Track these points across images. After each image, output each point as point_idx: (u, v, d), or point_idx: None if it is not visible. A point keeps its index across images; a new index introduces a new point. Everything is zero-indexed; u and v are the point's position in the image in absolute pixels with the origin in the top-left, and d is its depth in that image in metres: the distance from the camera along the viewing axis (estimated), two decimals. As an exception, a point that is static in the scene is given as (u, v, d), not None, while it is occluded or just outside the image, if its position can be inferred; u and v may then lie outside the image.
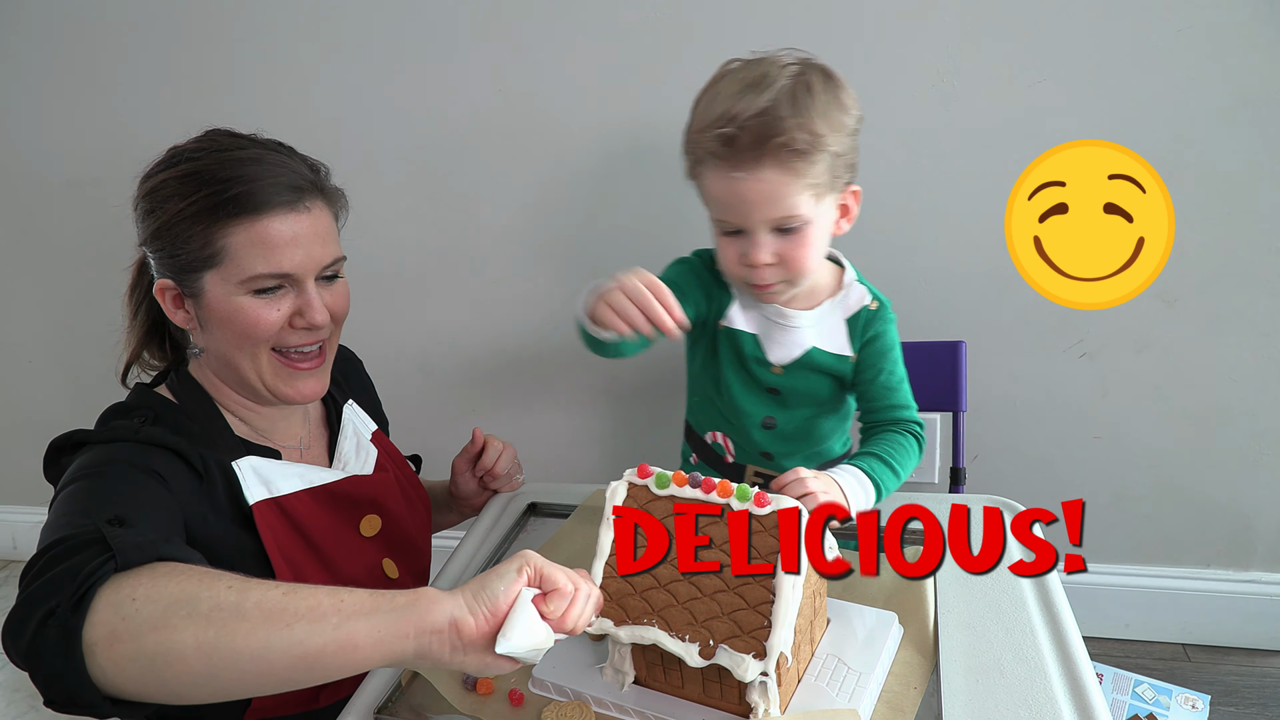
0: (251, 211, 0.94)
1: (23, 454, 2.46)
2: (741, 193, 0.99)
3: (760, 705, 0.78)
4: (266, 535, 0.98)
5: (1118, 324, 1.64)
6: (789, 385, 1.16)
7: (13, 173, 2.08)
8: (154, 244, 0.98)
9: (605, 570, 0.85)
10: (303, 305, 0.99)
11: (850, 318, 1.15)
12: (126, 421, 0.97)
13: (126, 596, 0.67)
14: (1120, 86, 1.49)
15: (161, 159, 1.00)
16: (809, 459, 1.24)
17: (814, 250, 1.06)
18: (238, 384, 1.04)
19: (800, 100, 0.98)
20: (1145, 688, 1.61)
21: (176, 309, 1.01)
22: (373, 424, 1.22)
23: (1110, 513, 1.80)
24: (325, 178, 1.04)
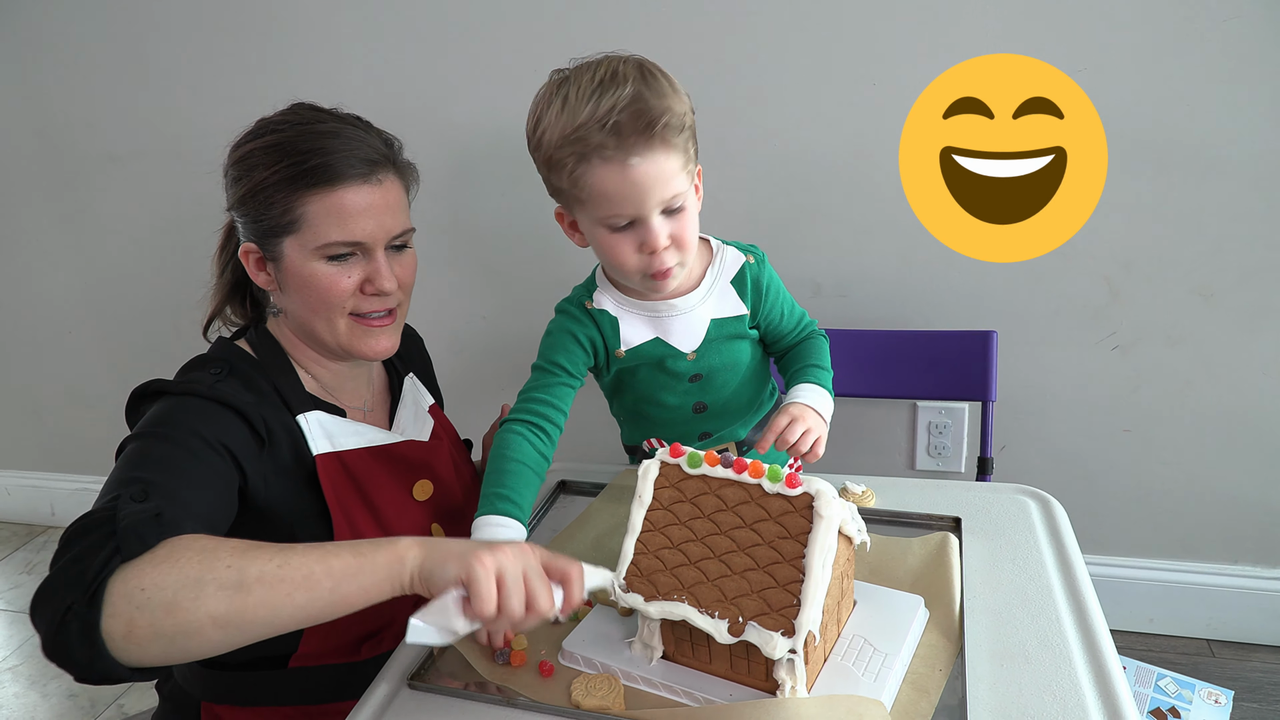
0: (328, 182, 0.99)
1: (61, 423, 2.52)
2: (636, 179, 1.00)
3: (787, 682, 0.80)
4: (327, 487, 1.04)
5: (1152, 317, 1.63)
6: (707, 365, 1.17)
7: (56, 145, 2.12)
8: (240, 209, 1.04)
9: (637, 547, 0.87)
10: (372, 273, 1.04)
11: (735, 279, 1.17)
12: (203, 374, 1.01)
13: (135, 587, 0.72)
14: (1160, 77, 1.48)
15: (250, 129, 1.05)
16: (746, 423, 1.26)
17: (695, 225, 1.09)
18: (313, 342, 1.09)
19: (655, 85, 1.01)
20: (1168, 681, 1.61)
21: (259, 271, 1.06)
22: (430, 397, 1.27)
23: (1138, 506, 1.79)
24: (398, 152, 1.09)
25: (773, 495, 0.83)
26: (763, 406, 1.28)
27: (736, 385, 1.20)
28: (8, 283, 2.35)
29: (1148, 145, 1.52)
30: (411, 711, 0.87)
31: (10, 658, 2.12)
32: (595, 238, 1.08)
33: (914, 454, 1.87)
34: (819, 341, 1.24)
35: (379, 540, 0.80)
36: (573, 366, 1.15)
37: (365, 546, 0.79)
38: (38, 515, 2.68)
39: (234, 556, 0.75)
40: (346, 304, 1.04)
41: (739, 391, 1.21)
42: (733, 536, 0.83)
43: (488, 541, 0.87)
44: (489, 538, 1.00)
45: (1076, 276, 1.63)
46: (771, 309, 1.19)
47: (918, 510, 1.12)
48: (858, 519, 0.86)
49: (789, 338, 1.23)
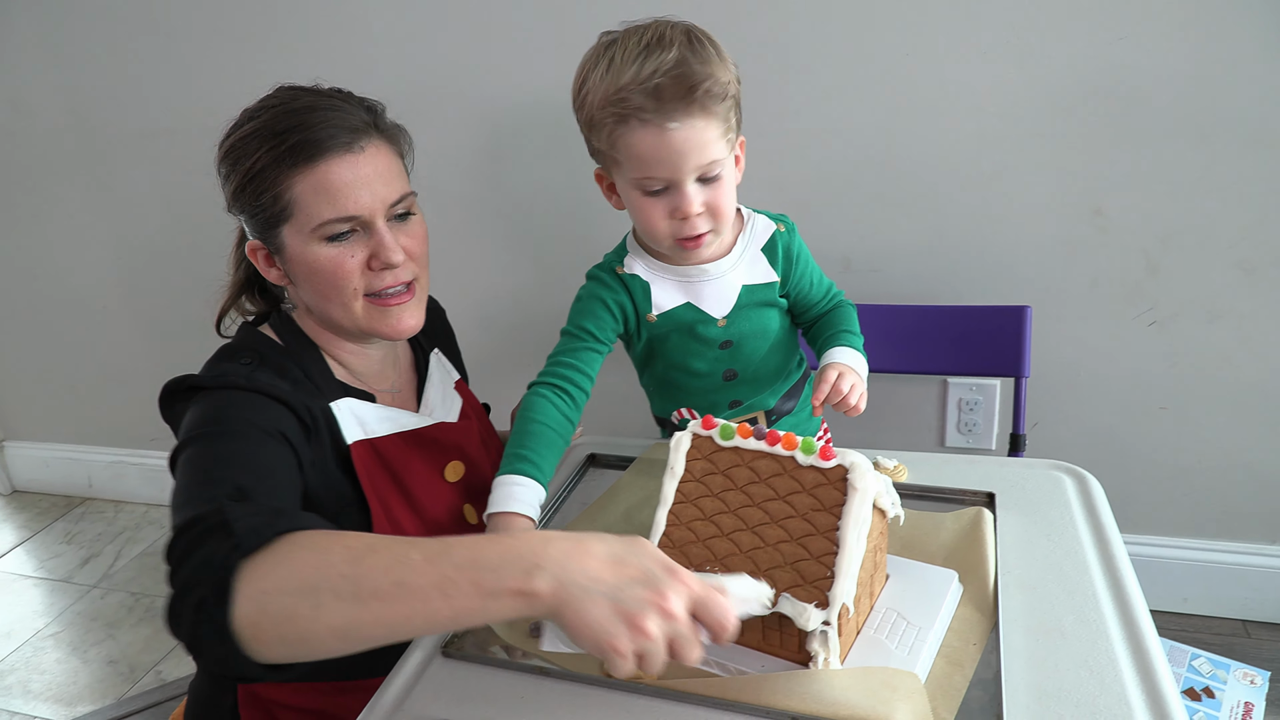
0: (309, 159, 0.96)
1: (97, 398, 2.56)
2: (674, 144, 1.01)
3: (820, 654, 0.79)
4: (363, 475, 1.03)
5: (1191, 292, 1.60)
6: (737, 331, 1.17)
7: (88, 122, 2.14)
8: (236, 206, 1.01)
9: (669, 518, 0.87)
10: (376, 246, 1.00)
11: (765, 246, 1.17)
12: (234, 365, 1.00)
13: (258, 590, 0.70)
14: (1202, 47, 1.44)
15: (235, 121, 1.02)
16: (775, 392, 1.25)
17: (732, 196, 1.09)
18: (336, 329, 1.07)
19: (700, 52, 1.01)
20: (1202, 661, 1.59)
21: (269, 267, 1.04)
22: (455, 373, 1.26)
23: (1173, 485, 1.77)
24: (382, 115, 1.05)
25: (806, 467, 0.83)
26: (790, 375, 1.27)
27: (766, 353, 1.20)
28: (43, 258, 2.38)
29: (1189, 115, 1.48)
30: (444, 680, 0.87)
31: (51, 625, 2.17)
32: (630, 200, 1.09)
33: (944, 431, 1.86)
34: (847, 309, 1.24)
35: (504, 562, 0.69)
36: (601, 333, 1.16)
37: (488, 576, 0.68)
38: (75, 487, 2.73)
39: (348, 563, 0.70)
40: (357, 285, 1.01)
41: (768, 359, 1.21)
42: (766, 508, 0.83)
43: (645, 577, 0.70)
44: (506, 496, 1.00)
45: (1114, 250, 1.60)
46: (801, 278, 1.19)
47: (951, 485, 1.10)
48: (892, 492, 0.85)
49: (817, 307, 1.23)
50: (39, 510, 2.70)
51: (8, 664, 2.05)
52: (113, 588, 2.30)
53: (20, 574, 2.40)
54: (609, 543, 0.71)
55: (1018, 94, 1.53)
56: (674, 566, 0.71)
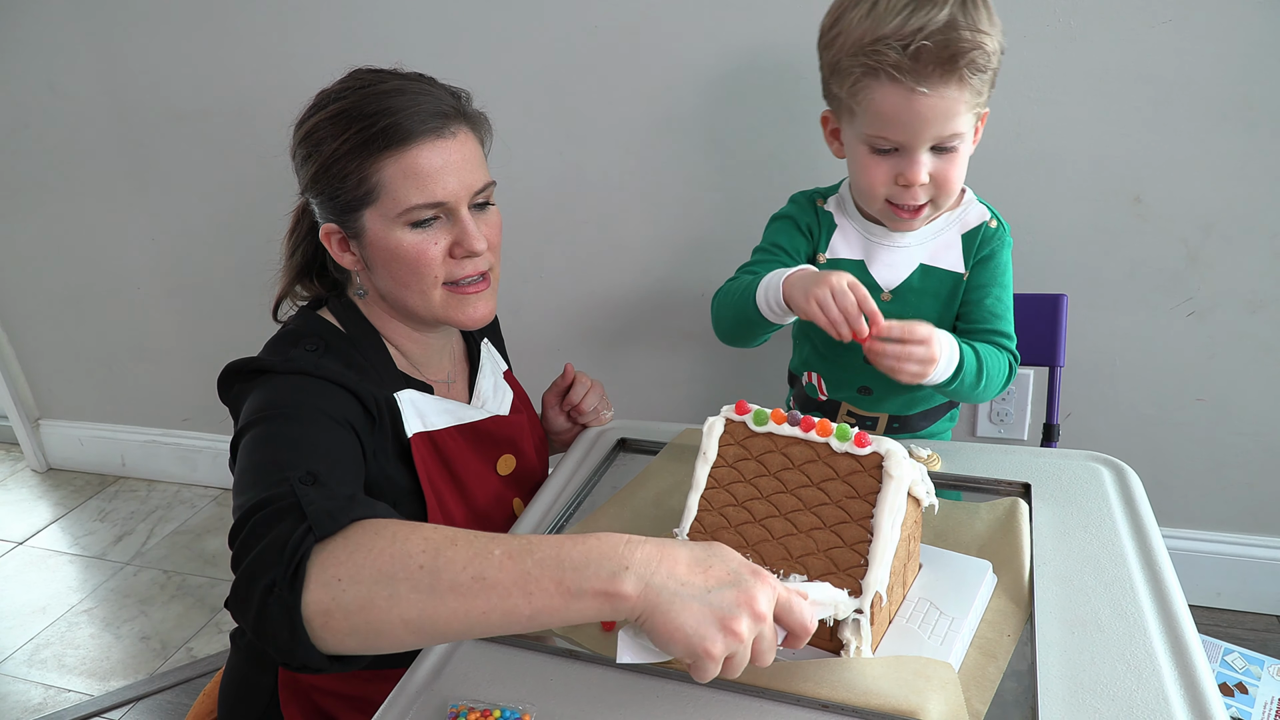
0: (399, 143, 0.94)
1: (131, 376, 2.59)
2: (919, 109, 0.97)
3: (852, 643, 0.79)
4: (420, 468, 1.02)
5: (1232, 282, 1.57)
6: (898, 313, 1.13)
7: (125, 103, 2.15)
8: (314, 188, 1.00)
9: (701, 503, 0.86)
10: (459, 234, 1.00)
11: (967, 233, 1.13)
12: (299, 350, 0.99)
13: (332, 576, 0.68)
14: (1247, 32, 1.40)
15: (311, 104, 1.01)
16: (912, 402, 1.23)
17: (962, 170, 1.05)
18: (406, 316, 1.06)
19: (973, 15, 0.95)
20: (1235, 656, 1.57)
21: (344, 252, 1.03)
22: (504, 363, 1.25)
23: (1209, 478, 1.74)
24: (467, 103, 1.04)
25: (841, 454, 0.82)
26: (933, 398, 1.23)
27: None
28: (79, 239, 2.41)
29: (1233, 101, 1.44)
30: (474, 661, 0.88)
31: (85, 600, 2.21)
32: (854, 153, 1.06)
33: (975, 420, 1.84)
34: (1002, 357, 1.14)
35: (589, 562, 0.68)
36: (793, 249, 1.16)
37: (571, 575, 0.67)
38: (109, 466, 2.78)
39: (426, 554, 0.69)
40: (439, 272, 1.00)
41: None
42: (799, 495, 0.82)
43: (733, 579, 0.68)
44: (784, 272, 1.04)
45: (1153, 239, 1.57)
46: (977, 285, 1.13)
47: (986, 475, 1.09)
48: (927, 481, 0.84)
49: (976, 326, 1.15)
50: (73, 488, 2.74)
51: (43, 638, 2.09)
52: (145, 565, 2.34)
53: (55, 550, 2.44)
54: (691, 548, 0.70)
55: (1057, 78, 1.50)
56: (758, 569, 0.70)
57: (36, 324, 2.64)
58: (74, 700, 1.89)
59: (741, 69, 1.64)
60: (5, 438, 2.99)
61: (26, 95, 2.24)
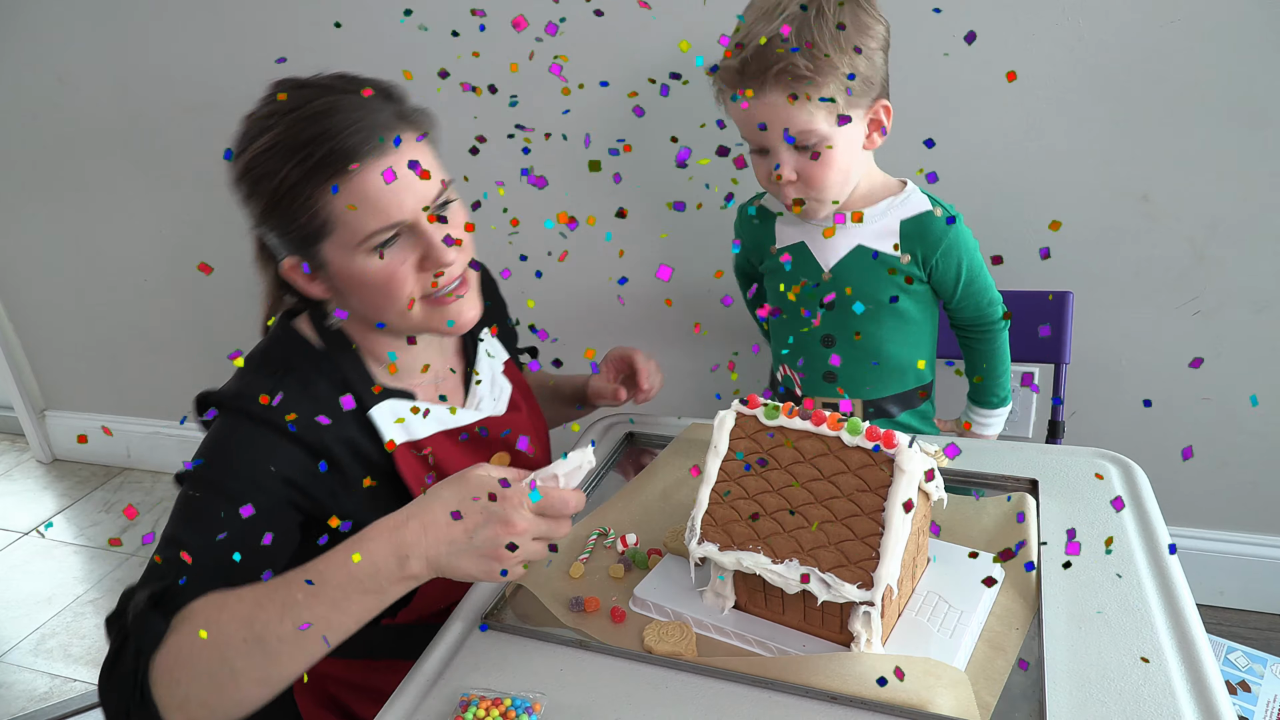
0: (344, 169, 0.88)
1: (137, 369, 2.60)
2: (752, 114, 1.07)
3: (862, 635, 0.79)
4: (408, 476, 1.00)
5: (1238, 282, 1.57)
6: (840, 288, 1.19)
7: (132, 97, 2.16)
8: (266, 224, 0.95)
9: (711, 497, 0.87)
10: (426, 248, 0.94)
11: (907, 220, 1.18)
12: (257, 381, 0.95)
13: (172, 683, 0.77)
14: (1256, 31, 1.40)
15: (242, 134, 0.95)
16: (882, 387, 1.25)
17: (837, 168, 1.11)
18: (388, 331, 1.02)
19: (808, 25, 1.02)
20: (1239, 655, 1.57)
21: (310, 283, 0.98)
22: (504, 353, 1.22)
23: (1214, 477, 1.74)
24: (403, 102, 0.97)
25: (851, 448, 0.82)
26: (906, 379, 1.27)
27: (876, 333, 1.21)
28: (85, 231, 2.42)
29: (1241, 101, 1.45)
30: (484, 652, 0.88)
31: (90, 591, 2.22)
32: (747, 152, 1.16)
33: (980, 418, 1.84)
34: (997, 340, 1.28)
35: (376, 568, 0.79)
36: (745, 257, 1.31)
37: (370, 583, 0.79)
38: (114, 457, 2.78)
39: (243, 628, 0.77)
40: (413, 290, 0.95)
41: (879, 342, 1.22)
42: (810, 488, 0.82)
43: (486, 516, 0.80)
44: None
45: (1159, 237, 1.57)
46: (945, 272, 1.20)
47: (993, 471, 1.10)
48: (938, 476, 0.85)
49: (959, 308, 1.25)
50: (79, 479, 2.75)
51: (49, 628, 2.09)
52: (150, 556, 2.35)
53: (61, 541, 2.45)
54: (444, 499, 0.81)
55: (1066, 77, 1.50)
56: (501, 489, 0.80)
57: (43, 315, 2.65)
58: (80, 690, 1.90)
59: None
60: (11, 428, 2.99)
61: (34, 87, 2.24)
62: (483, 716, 0.78)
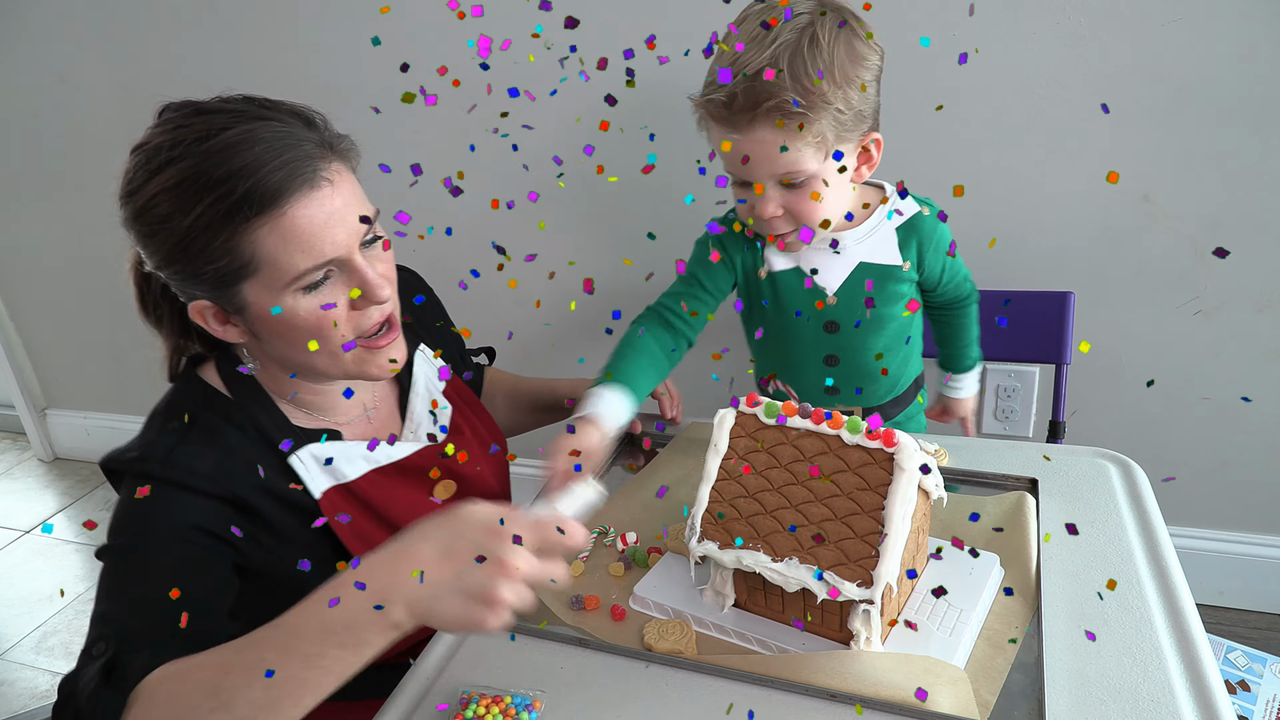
0: (271, 206, 0.81)
1: (138, 367, 2.60)
2: (740, 150, 1.01)
3: (862, 634, 0.79)
4: (338, 525, 0.93)
5: (1240, 281, 1.57)
6: (845, 314, 1.15)
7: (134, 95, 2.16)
8: (171, 267, 0.86)
9: (712, 495, 0.87)
10: (359, 283, 0.88)
11: (901, 226, 1.14)
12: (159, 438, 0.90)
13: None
14: (1257, 30, 1.40)
15: (134, 166, 0.86)
16: (877, 395, 1.24)
17: (826, 203, 1.05)
18: (310, 377, 0.96)
19: (801, 56, 0.96)
20: (1238, 654, 1.57)
21: (223, 325, 0.90)
22: (441, 364, 1.14)
23: (1214, 477, 1.74)
24: (327, 130, 0.91)
25: (852, 447, 0.82)
26: (899, 383, 1.26)
27: (875, 349, 1.18)
28: (88, 229, 2.42)
29: (1242, 100, 1.45)
30: (483, 650, 0.88)
31: (91, 589, 2.22)
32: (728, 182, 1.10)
33: (980, 416, 1.84)
34: (971, 312, 1.29)
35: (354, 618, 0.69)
36: (710, 282, 1.17)
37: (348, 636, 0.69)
38: (115, 456, 2.78)
39: (209, 698, 0.69)
40: (345, 331, 0.89)
41: (876, 364, 1.19)
42: (810, 487, 0.83)
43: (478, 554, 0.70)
44: (591, 403, 1.01)
45: (1161, 238, 1.57)
46: (934, 266, 1.17)
47: (993, 470, 1.10)
48: (936, 474, 0.85)
49: (940, 293, 1.23)
50: (80, 477, 2.75)
51: (50, 626, 2.10)
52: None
53: (62, 539, 2.45)
54: (431, 537, 0.71)
55: (1067, 76, 1.50)
56: (497, 527, 0.70)
57: (44, 314, 2.65)
58: (81, 687, 1.90)
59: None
60: (12, 427, 3.00)
61: (36, 85, 2.24)
62: (483, 714, 0.78)
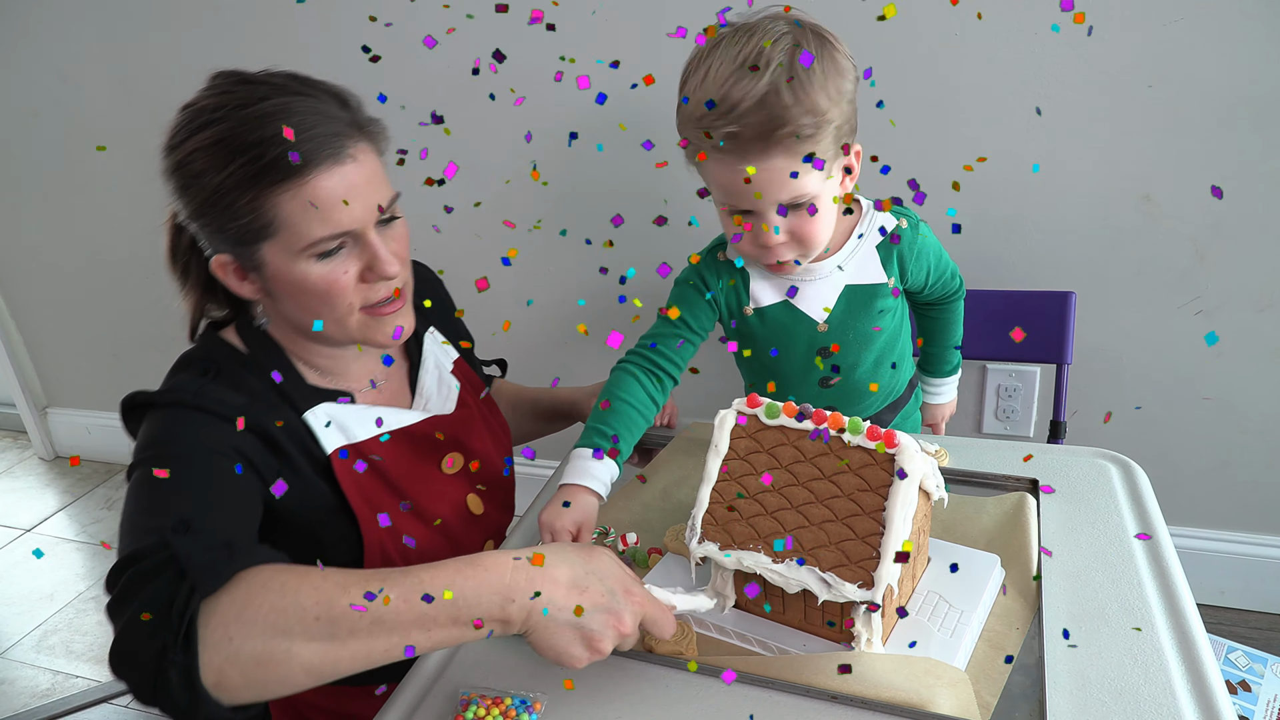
0: (296, 174, 0.86)
1: (138, 366, 2.60)
2: (749, 182, 0.97)
3: (863, 635, 0.79)
4: (347, 484, 0.97)
5: (1240, 281, 1.57)
6: (838, 337, 1.13)
7: (134, 93, 2.16)
8: (200, 220, 0.92)
9: (712, 496, 0.87)
10: (370, 259, 0.93)
11: (881, 244, 1.12)
12: (188, 379, 0.93)
13: (224, 635, 0.69)
14: (1258, 30, 1.40)
15: (179, 123, 0.91)
16: (873, 406, 1.24)
17: (824, 222, 1.03)
18: (318, 339, 1.00)
19: (798, 78, 0.93)
20: (1239, 655, 1.57)
21: (240, 281, 0.95)
22: (454, 352, 1.18)
23: (1214, 477, 1.74)
24: (359, 112, 0.95)
25: (852, 447, 0.82)
26: (894, 391, 1.25)
27: (868, 366, 1.18)
28: (88, 227, 2.42)
29: (1243, 100, 1.44)
30: (485, 650, 0.88)
31: (92, 588, 2.22)
32: (719, 213, 1.06)
33: (981, 416, 1.84)
34: (957, 308, 1.27)
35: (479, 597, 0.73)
36: (695, 322, 1.14)
37: (465, 611, 0.72)
38: (116, 454, 2.79)
39: (320, 604, 0.70)
40: (353, 299, 0.94)
41: (870, 374, 1.19)
42: (810, 488, 0.83)
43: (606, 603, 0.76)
44: (580, 470, 0.99)
45: (1161, 237, 1.57)
46: (918, 273, 1.15)
47: (993, 471, 1.10)
48: (937, 475, 0.85)
49: (929, 295, 1.22)
50: (80, 476, 2.75)
51: (51, 625, 2.10)
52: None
53: (63, 538, 2.45)
54: (572, 564, 0.76)
55: (1068, 76, 1.50)
56: (630, 586, 0.78)
57: (45, 312, 2.65)
58: (82, 686, 1.91)
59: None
60: (13, 425, 3.00)
61: (36, 84, 2.24)
62: (483, 715, 0.78)
